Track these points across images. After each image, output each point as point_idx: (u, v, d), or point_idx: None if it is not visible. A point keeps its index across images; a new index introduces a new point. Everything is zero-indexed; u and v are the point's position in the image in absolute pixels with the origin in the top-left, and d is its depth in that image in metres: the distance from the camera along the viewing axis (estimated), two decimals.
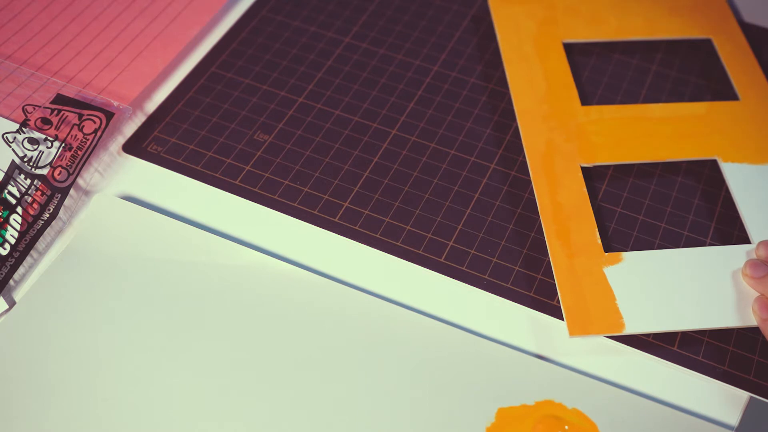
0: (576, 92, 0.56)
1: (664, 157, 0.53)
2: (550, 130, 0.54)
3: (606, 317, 0.45)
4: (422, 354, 0.44)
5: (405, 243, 0.49)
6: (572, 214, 0.50)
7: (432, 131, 0.55)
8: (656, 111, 0.56)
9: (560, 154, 0.53)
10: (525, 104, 0.56)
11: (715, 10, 0.62)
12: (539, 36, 0.60)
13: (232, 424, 0.42)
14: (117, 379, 0.43)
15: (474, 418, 0.42)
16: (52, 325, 0.45)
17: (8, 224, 0.47)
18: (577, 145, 0.53)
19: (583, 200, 0.51)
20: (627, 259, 0.48)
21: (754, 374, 0.45)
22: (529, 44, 0.59)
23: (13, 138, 0.50)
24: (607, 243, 0.50)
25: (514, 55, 0.59)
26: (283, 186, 0.52)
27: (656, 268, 0.48)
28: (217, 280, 0.47)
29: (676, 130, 0.54)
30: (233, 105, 0.56)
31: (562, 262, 0.48)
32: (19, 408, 0.42)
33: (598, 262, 0.48)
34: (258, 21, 0.62)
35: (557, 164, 0.52)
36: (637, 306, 0.46)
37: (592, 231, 0.49)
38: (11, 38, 0.57)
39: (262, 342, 0.45)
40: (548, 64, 0.58)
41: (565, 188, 0.51)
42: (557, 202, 0.50)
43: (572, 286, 0.47)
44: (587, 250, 0.48)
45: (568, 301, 0.46)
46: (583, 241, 0.49)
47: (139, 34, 0.59)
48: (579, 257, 0.48)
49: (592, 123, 0.54)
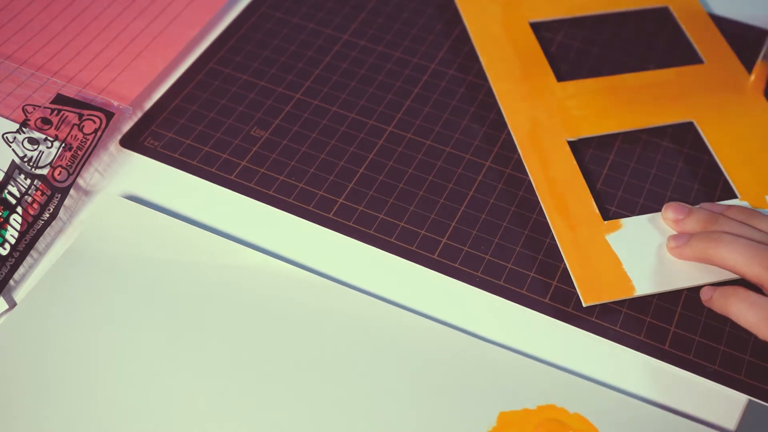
0: (550, 69, 0.58)
1: (643, 124, 0.55)
2: (532, 108, 0.56)
3: (616, 283, 0.47)
4: (423, 356, 0.45)
5: (398, 240, 0.50)
6: (566, 188, 0.51)
7: (428, 128, 0.55)
8: (628, 81, 0.58)
9: (545, 131, 0.54)
10: (503, 86, 0.57)
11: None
12: (506, 18, 0.61)
13: (232, 424, 0.42)
14: (118, 379, 0.44)
15: (475, 421, 0.43)
16: (53, 325, 0.45)
17: (8, 224, 0.48)
18: (560, 121, 0.55)
19: (575, 173, 0.52)
20: (626, 225, 0.50)
21: (746, 374, 0.45)
22: (497, 27, 0.61)
23: (13, 138, 0.50)
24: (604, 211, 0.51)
25: (484, 39, 0.60)
26: (279, 181, 0.52)
27: (655, 232, 0.49)
28: (218, 280, 0.47)
29: (650, 97, 0.57)
30: (230, 101, 0.57)
31: (566, 235, 0.49)
32: (19, 408, 0.42)
33: (599, 230, 0.50)
34: (257, 17, 0.62)
35: (544, 141, 0.54)
36: (642, 269, 0.48)
37: (589, 202, 0.51)
38: (11, 38, 0.58)
39: (261, 342, 0.45)
40: (519, 44, 0.60)
41: (555, 163, 0.53)
42: (551, 178, 0.52)
43: (579, 257, 0.48)
44: (587, 221, 0.50)
45: (577, 271, 0.48)
46: (582, 213, 0.50)
47: (139, 34, 0.59)
48: (580, 228, 0.50)
49: (571, 98, 0.56)
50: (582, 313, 0.47)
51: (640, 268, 0.48)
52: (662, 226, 0.50)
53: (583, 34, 0.62)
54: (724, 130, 0.55)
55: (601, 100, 0.56)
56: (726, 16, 0.64)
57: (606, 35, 0.62)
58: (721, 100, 0.57)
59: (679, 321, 0.47)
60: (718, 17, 0.64)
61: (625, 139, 0.55)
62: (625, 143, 0.55)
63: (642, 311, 0.47)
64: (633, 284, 0.47)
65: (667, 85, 0.57)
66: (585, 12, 0.63)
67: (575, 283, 0.47)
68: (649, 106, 0.56)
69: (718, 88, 0.57)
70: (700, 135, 0.55)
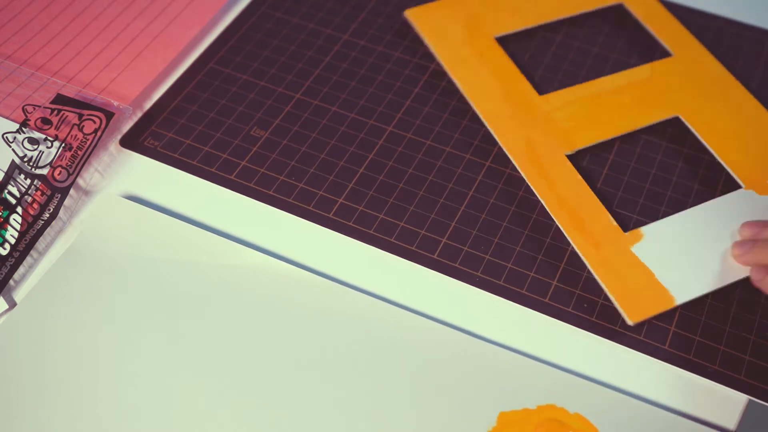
0: (528, 84, 0.57)
1: (633, 127, 0.55)
2: (522, 126, 0.55)
3: (654, 295, 0.47)
4: (423, 356, 0.45)
5: (398, 240, 0.50)
6: (578, 204, 0.51)
7: (429, 128, 0.56)
8: (606, 84, 0.57)
9: (543, 149, 0.53)
10: (488, 107, 0.56)
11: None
12: (470, 37, 0.60)
13: (232, 424, 0.42)
14: (118, 379, 0.44)
15: (475, 421, 0.43)
16: (53, 325, 0.45)
17: (8, 224, 0.48)
18: (554, 137, 0.54)
19: (583, 188, 0.51)
20: (646, 234, 0.49)
21: (746, 374, 0.45)
22: (464, 48, 0.59)
23: (13, 138, 0.50)
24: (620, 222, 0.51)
25: (454, 62, 0.58)
26: (279, 181, 0.52)
27: (675, 236, 0.49)
28: (218, 280, 0.47)
29: (633, 97, 0.57)
30: (230, 101, 0.57)
31: (593, 255, 0.48)
32: (19, 408, 0.42)
33: (623, 244, 0.49)
34: (257, 17, 0.62)
35: (544, 160, 0.53)
36: (676, 275, 0.47)
37: (604, 215, 0.50)
38: (11, 38, 0.58)
39: (261, 342, 0.45)
40: (491, 62, 0.58)
41: (560, 181, 0.52)
42: (560, 196, 0.51)
43: (612, 275, 0.48)
44: (608, 236, 0.49)
45: (616, 291, 0.47)
46: (600, 228, 0.50)
47: (139, 34, 0.59)
48: (604, 245, 0.49)
49: (557, 110, 0.56)
50: (582, 312, 0.47)
51: (673, 275, 0.47)
52: (680, 229, 0.49)
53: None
54: (711, 120, 0.55)
55: (587, 108, 0.56)
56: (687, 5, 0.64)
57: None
58: (700, 91, 0.57)
59: (679, 321, 0.47)
60: (677, 6, 0.64)
61: (625, 139, 0.55)
62: (625, 143, 0.55)
63: None
64: (671, 294, 0.47)
65: (645, 84, 0.57)
66: (547, 19, 0.62)
67: (616, 302, 0.46)
68: (634, 107, 0.56)
69: (694, 80, 0.57)
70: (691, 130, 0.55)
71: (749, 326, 0.47)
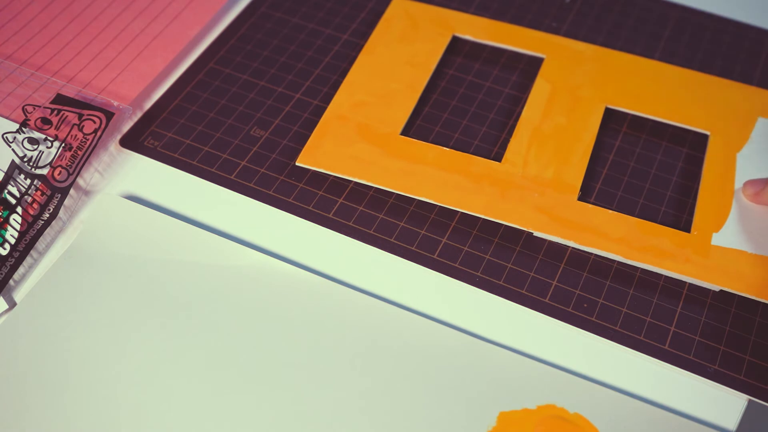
0: (473, 155, 0.53)
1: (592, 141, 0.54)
2: (520, 202, 0.51)
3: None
4: (423, 356, 0.45)
5: (398, 240, 0.50)
6: (631, 233, 0.49)
7: (428, 128, 0.56)
8: (533, 114, 0.54)
9: (552, 202, 0.50)
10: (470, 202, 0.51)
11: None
12: (370, 142, 0.53)
13: (231, 424, 0.42)
14: (118, 379, 0.44)
15: (475, 421, 0.43)
16: (53, 325, 0.45)
17: (8, 224, 0.48)
18: (553, 188, 0.51)
19: (623, 218, 0.50)
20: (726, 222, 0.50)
21: (746, 374, 0.45)
22: (369, 153, 0.53)
23: (13, 138, 0.50)
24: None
25: (375, 175, 0.52)
26: (278, 182, 0.52)
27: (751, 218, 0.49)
28: (218, 280, 0.47)
29: (567, 109, 0.55)
30: (230, 101, 0.57)
31: (686, 269, 0.48)
32: (19, 408, 0.42)
33: (705, 239, 0.49)
34: (257, 17, 0.62)
35: (563, 214, 0.50)
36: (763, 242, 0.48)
37: (660, 230, 0.49)
38: (11, 38, 0.58)
39: (261, 342, 0.45)
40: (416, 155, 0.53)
41: (604, 226, 0.49)
42: (617, 239, 0.49)
43: (717, 274, 0.47)
44: (677, 242, 0.49)
45: (741, 288, 0.47)
46: (663, 244, 0.49)
47: (139, 34, 0.59)
48: (692, 254, 0.48)
49: (527, 166, 0.52)
50: (582, 312, 0.47)
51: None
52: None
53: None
54: (636, 95, 0.56)
55: (549, 151, 0.53)
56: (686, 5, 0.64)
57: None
58: (607, 76, 0.57)
59: (679, 321, 0.47)
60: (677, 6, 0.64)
61: (624, 139, 0.55)
62: (625, 143, 0.55)
63: (642, 311, 0.47)
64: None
65: (558, 93, 0.56)
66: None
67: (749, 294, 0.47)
68: (578, 120, 0.54)
69: (591, 67, 0.57)
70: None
71: (749, 326, 0.47)
